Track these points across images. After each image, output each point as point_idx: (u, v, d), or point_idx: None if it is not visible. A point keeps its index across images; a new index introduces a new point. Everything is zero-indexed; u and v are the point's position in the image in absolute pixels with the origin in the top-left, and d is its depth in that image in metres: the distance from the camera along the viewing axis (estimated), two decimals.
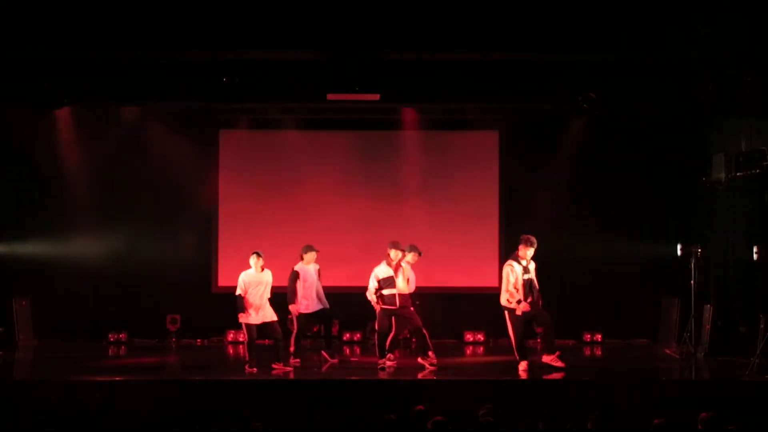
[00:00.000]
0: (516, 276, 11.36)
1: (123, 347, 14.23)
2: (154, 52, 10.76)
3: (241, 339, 14.46)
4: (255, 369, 11.30)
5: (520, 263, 11.42)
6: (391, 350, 11.82)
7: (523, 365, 11.39)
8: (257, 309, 11.45)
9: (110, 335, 14.45)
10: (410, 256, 11.83)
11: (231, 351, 14.13)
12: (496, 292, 14.47)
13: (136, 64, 11.43)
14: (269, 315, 11.53)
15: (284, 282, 12.07)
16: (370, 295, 11.67)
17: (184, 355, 13.58)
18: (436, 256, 12.59)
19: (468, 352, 13.94)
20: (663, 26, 10.25)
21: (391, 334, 11.82)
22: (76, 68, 11.39)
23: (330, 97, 11.57)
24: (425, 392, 10.37)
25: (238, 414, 8.04)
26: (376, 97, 11.54)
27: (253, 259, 11.54)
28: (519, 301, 11.27)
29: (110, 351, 13.99)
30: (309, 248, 12.25)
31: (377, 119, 14.62)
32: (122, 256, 14.65)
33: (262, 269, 11.55)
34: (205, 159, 14.87)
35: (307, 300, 12.16)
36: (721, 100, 11.08)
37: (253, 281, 11.49)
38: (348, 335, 14.60)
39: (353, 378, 11.30)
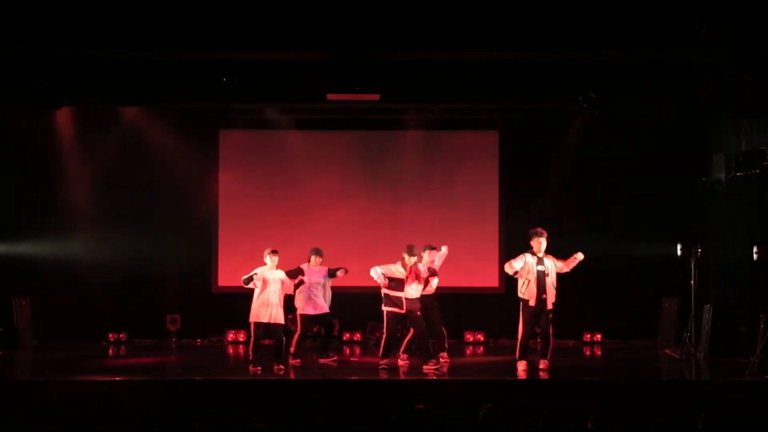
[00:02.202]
0: (524, 262, 11.42)
1: (123, 347, 14.24)
2: (153, 52, 10.75)
3: (240, 339, 14.52)
4: (259, 369, 11.29)
5: (534, 255, 11.47)
6: (405, 350, 11.84)
7: (522, 365, 11.38)
8: (269, 307, 11.43)
9: (110, 335, 14.45)
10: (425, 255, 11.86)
11: (231, 351, 14.13)
12: (496, 292, 14.62)
13: (136, 64, 11.43)
14: (279, 317, 11.50)
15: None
16: (376, 274, 11.44)
17: (184, 355, 13.58)
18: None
19: (468, 352, 13.94)
20: (663, 26, 10.24)
21: (409, 336, 11.83)
22: (76, 68, 11.38)
23: (330, 97, 11.57)
24: (425, 392, 10.37)
25: (238, 414, 8.03)
26: (376, 97, 11.54)
27: (271, 257, 11.54)
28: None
29: (110, 351, 14.00)
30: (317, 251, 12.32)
31: (377, 119, 14.62)
32: (122, 256, 14.64)
33: (276, 268, 11.58)
34: (205, 159, 14.88)
35: (315, 301, 12.21)
36: (721, 100, 11.06)
37: (270, 278, 11.49)
38: (348, 335, 14.60)
39: (353, 378, 11.30)
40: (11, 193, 14.33)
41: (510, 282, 14.64)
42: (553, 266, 11.53)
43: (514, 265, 11.47)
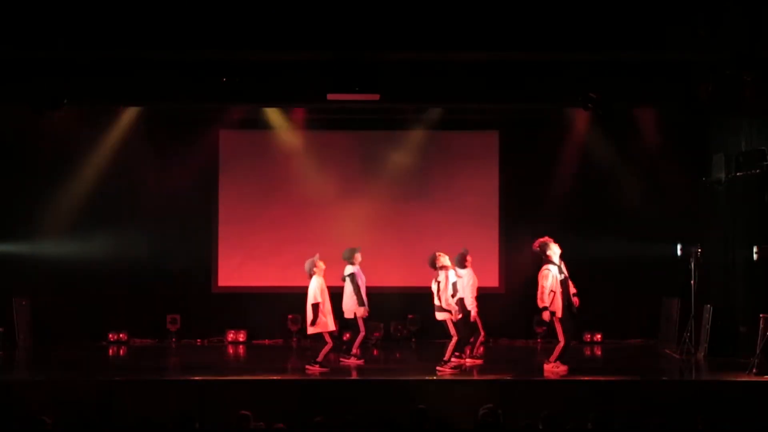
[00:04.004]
0: (554, 277, 11.17)
1: (123, 347, 14.24)
2: (153, 52, 10.74)
3: (240, 339, 14.55)
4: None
5: (554, 263, 11.26)
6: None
7: (562, 369, 11.24)
8: (329, 315, 11.58)
9: (110, 335, 14.47)
10: None
11: (231, 351, 14.13)
12: (496, 292, 14.61)
13: (135, 64, 11.42)
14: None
15: (284, 282, 12.04)
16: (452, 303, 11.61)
17: (184, 355, 13.58)
18: None
19: (468, 352, 13.90)
20: (663, 26, 10.24)
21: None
22: (76, 68, 11.38)
23: (330, 97, 11.56)
24: (425, 392, 10.37)
25: (238, 414, 8.03)
26: (376, 97, 11.53)
27: (321, 265, 11.63)
28: (545, 308, 11.14)
29: (110, 351, 14.00)
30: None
31: (377, 119, 14.62)
32: (122, 256, 14.65)
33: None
34: (205, 159, 14.87)
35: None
36: (721, 100, 11.07)
37: (325, 288, 11.62)
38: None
39: (353, 378, 11.29)
40: (11, 193, 14.31)
41: (510, 282, 14.73)
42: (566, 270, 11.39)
43: (547, 286, 11.15)
